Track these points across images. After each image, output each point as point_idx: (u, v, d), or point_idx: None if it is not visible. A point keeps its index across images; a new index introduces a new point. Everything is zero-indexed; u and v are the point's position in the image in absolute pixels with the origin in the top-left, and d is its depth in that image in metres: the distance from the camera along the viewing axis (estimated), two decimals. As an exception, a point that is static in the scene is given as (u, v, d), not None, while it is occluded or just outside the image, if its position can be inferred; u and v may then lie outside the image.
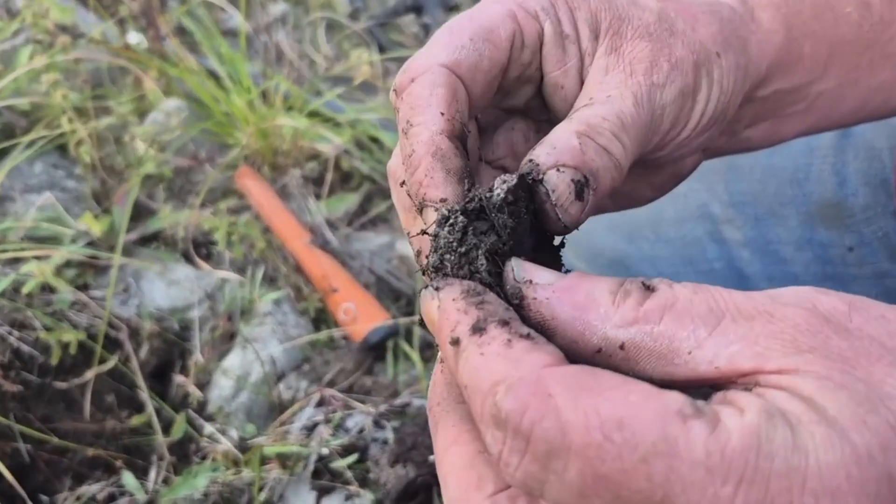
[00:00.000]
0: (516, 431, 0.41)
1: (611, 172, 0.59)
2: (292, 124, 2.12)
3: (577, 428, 0.40)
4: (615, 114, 0.62)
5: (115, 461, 1.62)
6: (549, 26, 0.67)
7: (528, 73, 0.68)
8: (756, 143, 0.81)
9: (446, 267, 0.55)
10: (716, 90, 0.68)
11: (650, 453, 0.39)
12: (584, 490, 0.40)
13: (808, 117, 0.80)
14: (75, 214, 1.97)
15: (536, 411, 0.41)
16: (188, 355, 1.80)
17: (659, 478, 0.39)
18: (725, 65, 0.69)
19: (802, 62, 0.77)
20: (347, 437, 1.49)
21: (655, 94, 0.64)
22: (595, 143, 0.59)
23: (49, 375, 1.72)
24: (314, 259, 1.94)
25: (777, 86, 0.77)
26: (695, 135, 0.70)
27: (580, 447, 0.39)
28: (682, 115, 0.67)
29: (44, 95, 2.03)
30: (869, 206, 1.29)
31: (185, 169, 2.18)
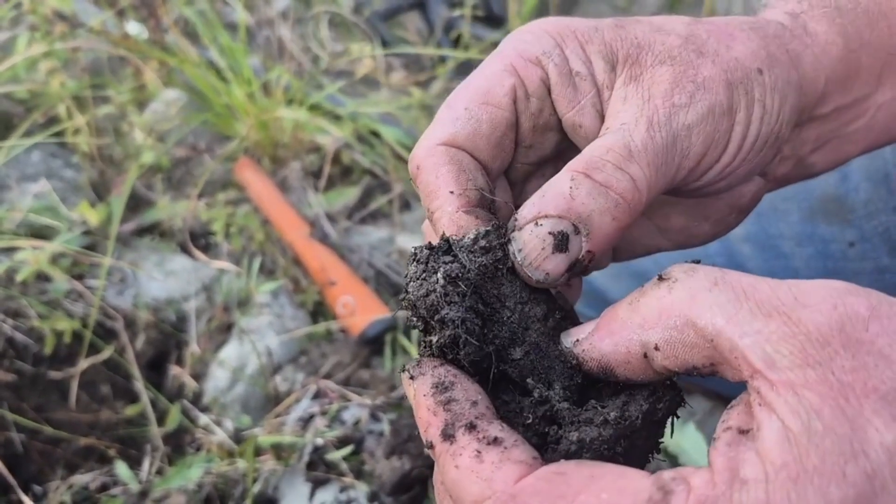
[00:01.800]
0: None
1: (611, 212, 0.57)
2: (293, 117, 2.11)
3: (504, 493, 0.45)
4: (622, 143, 0.59)
5: (108, 451, 1.61)
6: (553, 68, 0.65)
7: (542, 120, 0.66)
8: (821, 168, 0.77)
9: (410, 293, 0.56)
10: (758, 109, 0.65)
11: None
12: None
13: (870, 133, 0.77)
14: (73, 204, 1.96)
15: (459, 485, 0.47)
16: (184, 346, 1.79)
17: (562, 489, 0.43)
18: (769, 81, 0.66)
19: (860, 75, 0.74)
20: (343, 429, 1.48)
21: (676, 115, 0.61)
22: (591, 182, 0.57)
23: (43, 365, 1.71)
24: (313, 252, 1.93)
25: (837, 102, 0.74)
26: (741, 158, 0.66)
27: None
28: (719, 138, 0.64)
29: (41, 83, 2.03)
30: (870, 201, 1.28)
31: (184, 160, 2.17)
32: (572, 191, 0.56)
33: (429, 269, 0.56)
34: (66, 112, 2.03)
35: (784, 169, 0.75)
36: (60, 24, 2.05)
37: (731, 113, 0.64)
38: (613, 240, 0.58)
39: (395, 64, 2.68)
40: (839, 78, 0.73)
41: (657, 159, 0.59)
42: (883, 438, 0.41)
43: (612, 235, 0.57)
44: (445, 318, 0.54)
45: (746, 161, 0.67)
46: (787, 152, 0.74)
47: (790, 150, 0.74)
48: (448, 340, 0.54)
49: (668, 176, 0.61)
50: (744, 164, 0.67)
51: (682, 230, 0.75)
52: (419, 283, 0.56)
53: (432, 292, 0.55)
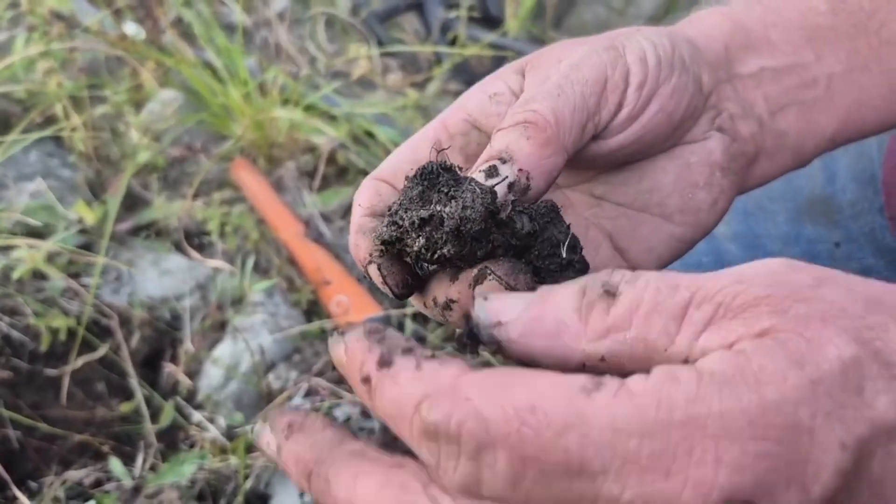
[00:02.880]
0: (447, 437, 0.45)
1: (523, 135, 0.62)
2: (288, 117, 2.12)
3: (497, 420, 0.44)
4: (520, 100, 0.66)
5: (102, 447, 1.63)
6: (472, 104, 0.73)
7: (472, 150, 0.73)
8: (796, 137, 0.80)
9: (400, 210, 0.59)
10: (645, 42, 0.71)
11: (562, 427, 0.43)
12: (515, 476, 0.44)
13: (837, 105, 0.80)
14: (70, 203, 1.97)
15: (459, 414, 0.45)
16: (179, 344, 1.81)
17: (574, 447, 0.43)
18: (647, 31, 0.73)
19: (777, 45, 0.79)
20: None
21: (562, 63, 0.69)
22: (501, 131, 0.64)
23: (39, 362, 1.73)
24: (307, 251, 1.95)
25: (760, 63, 0.79)
26: (653, 78, 0.70)
27: (502, 437, 0.44)
28: (613, 63, 0.69)
29: (39, 83, 2.04)
30: (856, 201, 1.29)
31: (180, 159, 2.19)
32: (490, 144, 0.64)
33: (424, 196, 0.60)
34: (63, 112, 2.04)
35: (747, 128, 0.77)
36: (58, 25, 2.07)
37: (615, 48, 0.70)
38: (540, 156, 0.62)
39: (392, 65, 2.70)
40: (741, 45, 0.79)
41: (552, 93, 0.65)
42: (841, 353, 0.42)
43: (535, 152, 0.62)
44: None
45: (666, 82, 0.71)
46: (735, 110, 0.77)
47: (737, 107, 0.77)
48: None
49: (575, 100, 0.66)
50: (665, 86, 0.71)
51: (683, 209, 0.77)
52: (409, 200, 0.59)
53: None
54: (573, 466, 0.43)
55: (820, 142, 0.81)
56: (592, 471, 0.43)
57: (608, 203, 0.78)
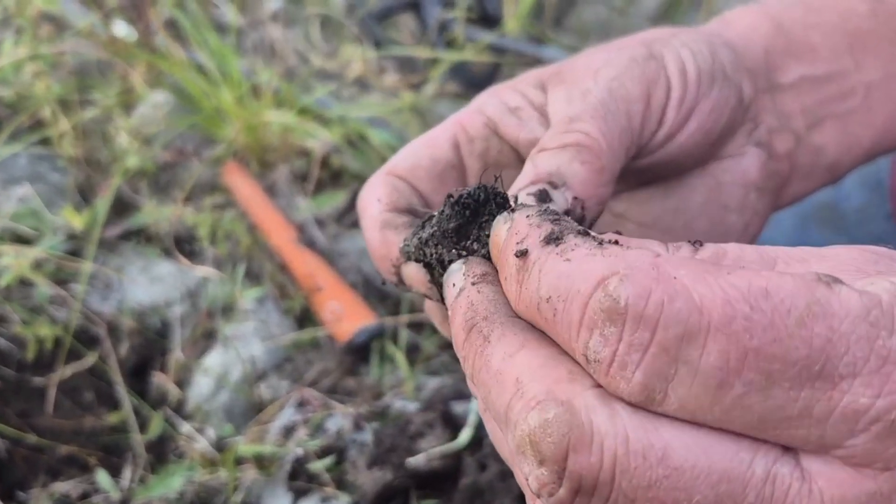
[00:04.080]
0: (639, 320, 0.36)
1: (576, 158, 0.57)
2: (281, 120, 2.09)
3: (718, 303, 0.36)
4: (562, 117, 0.61)
5: (89, 459, 1.59)
6: (492, 109, 0.68)
7: (492, 158, 0.68)
8: (832, 152, 0.75)
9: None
10: (685, 51, 0.66)
11: (807, 316, 0.35)
12: (725, 376, 0.36)
13: (874, 116, 0.76)
14: (59, 208, 1.93)
15: (664, 292, 0.36)
16: (168, 353, 1.77)
17: (820, 341, 0.35)
18: (686, 37, 0.68)
19: (818, 51, 0.75)
20: (326, 438, 1.46)
21: (599, 75, 0.63)
22: (547, 151, 0.58)
23: (27, 371, 1.69)
24: (300, 257, 1.91)
25: (801, 71, 0.74)
26: (693, 93, 0.65)
27: (723, 323, 0.35)
28: (655, 76, 0.64)
29: (27, 86, 2.01)
30: (863, 208, 1.27)
31: (170, 163, 2.15)
32: (534, 162, 0.58)
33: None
34: (52, 115, 2.01)
35: (783, 144, 0.73)
36: (47, 27, 2.03)
37: (655, 58, 0.65)
38: (595, 184, 0.57)
39: (389, 66, 2.66)
40: (782, 50, 0.74)
41: (599, 111, 0.60)
42: None
43: (591, 179, 0.57)
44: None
45: (705, 98, 0.66)
46: (773, 123, 0.73)
47: (775, 120, 0.73)
48: None
49: (622, 121, 0.61)
50: (705, 101, 0.66)
51: (711, 232, 0.72)
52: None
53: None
54: (814, 366, 0.35)
55: (856, 156, 0.77)
56: (838, 373, 0.35)
57: (629, 222, 0.74)
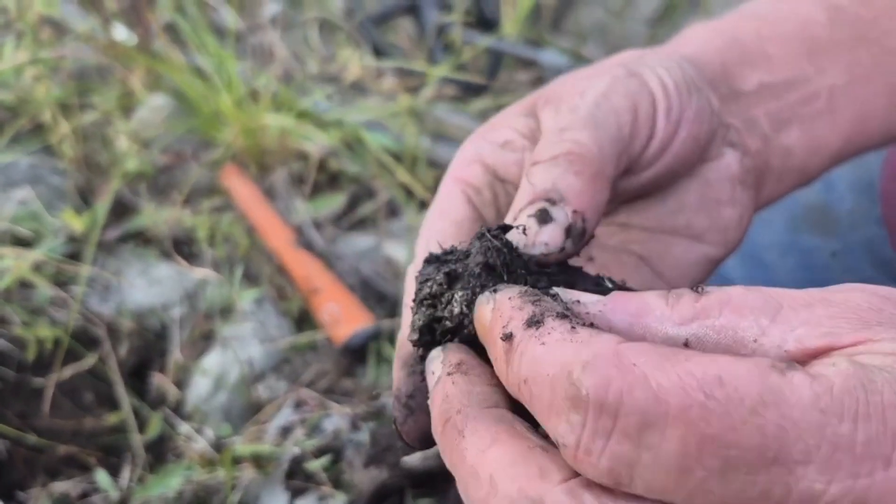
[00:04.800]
0: (601, 408, 0.38)
1: (571, 170, 0.58)
2: (279, 123, 2.10)
3: (674, 391, 0.37)
4: (552, 129, 0.62)
5: (89, 458, 1.60)
6: (487, 155, 0.68)
7: (504, 200, 0.68)
8: (801, 154, 0.77)
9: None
10: (661, 69, 0.68)
11: (759, 405, 0.36)
12: (685, 462, 0.37)
13: (840, 119, 0.77)
14: (59, 210, 1.95)
15: (623, 382, 0.38)
16: (167, 354, 1.78)
17: (772, 429, 0.36)
18: (654, 57, 0.70)
19: (774, 59, 0.76)
20: (323, 438, 1.47)
21: (585, 94, 0.64)
22: (541, 164, 0.59)
23: (27, 372, 1.70)
24: (298, 259, 1.92)
25: (759, 78, 0.75)
26: (677, 102, 0.67)
27: (679, 411, 0.37)
28: (638, 91, 0.66)
29: (27, 90, 2.02)
30: (854, 211, 1.27)
31: (169, 166, 2.16)
32: (530, 181, 0.58)
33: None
34: (52, 118, 2.02)
35: (753, 143, 0.75)
36: (47, 31, 2.05)
37: (635, 75, 0.67)
38: (592, 194, 0.58)
39: (386, 70, 2.67)
40: (738, 61, 0.75)
41: (589, 122, 0.61)
42: None
43: (587, 190, 0.57)
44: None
45: (688, 105, 0.68)
46: (740, 125, 0.74)
47: (742, 124, 0.75)
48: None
49: (612, 132, 0.63)
50: (689, 109, 0.68)
51: (711, 227, 0.73)
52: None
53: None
54: (768, 452, 0.36)
55: (825, 159, 0.78)
56: (791, 459, 0.36)
57: (634, 229, 0.75)
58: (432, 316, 0.55)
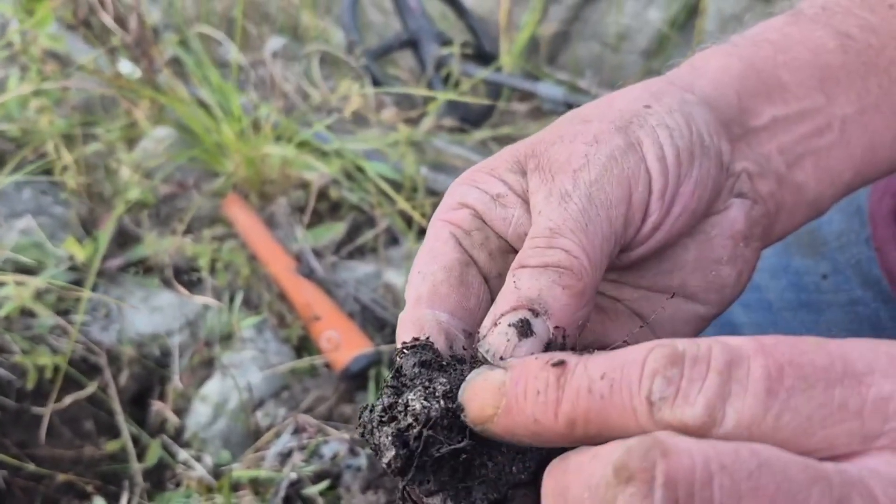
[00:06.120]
0: (695, 360, 0.43)
1: (558, 283, 0.57)
2: (280, 153, 2.13)
3: (749, 342, 0.44)
4: (542, 227, 0.60)
5: (87, 487, 1.61)
6: (474, 201, 0.67)
7: (494, 245, 0.67)
8: (814, 188, 0.75)
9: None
10: (662, 132, 0.66)
11: (820, 341, 0.44)
12: (770, 385, 0.42)
13: (852, 149, 0.76)
14: (62, 240, 1.97)
15: (705, 342, 0.44)
16: (168, 382, 1.79)
17: (835, 349, 0.43)
18: (662, 108, 0.68)
19: (788, 88, 0.75)
20: (321, 463, 1.48)
21: (579, 178, 0.62)
22: (529, 270, 0.58)
23: (27, 400, 1.71)
24: (298, 287, 1.94)
25: (773, 112, 0.74)
26: (674, 176, 0.65)
27: (756, 350, 0.43)
28: (635, 172, 0.64)
29: (31, 122, 2.05)
30: (843, 233, 1.28)
31: (171, 196, 2.19)
32: (515, 284, 0.58)
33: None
34: (55, 149, 2.05)
35: (766, 186, 0.72)
36: (52, 64, 2.08)
37: (633, 149, 0.65)
38: (575, 308, 0.58)
39: (386, 101, 2.71)
40: (753, 91, 0.74)
41: (580, 223, 0.60)
42: None
43: (571, 305, 0.57)
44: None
45: (686, 178, 0.66)
46: (753, 168, 0.72)
47: (755, 166, 0.72)
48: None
49: (604, 230, 0.61)
50: (686, 183, 0.66)
51: (707, 287, 0.72)
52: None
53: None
54: (836, 367, 0.42)
55: (837, 189, 0.77)
56: (857, 371, 0.42)
57: (626, 287, 0.73)
58: (397, 429, 0.52)
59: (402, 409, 0.52)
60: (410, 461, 0.52)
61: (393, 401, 0.53)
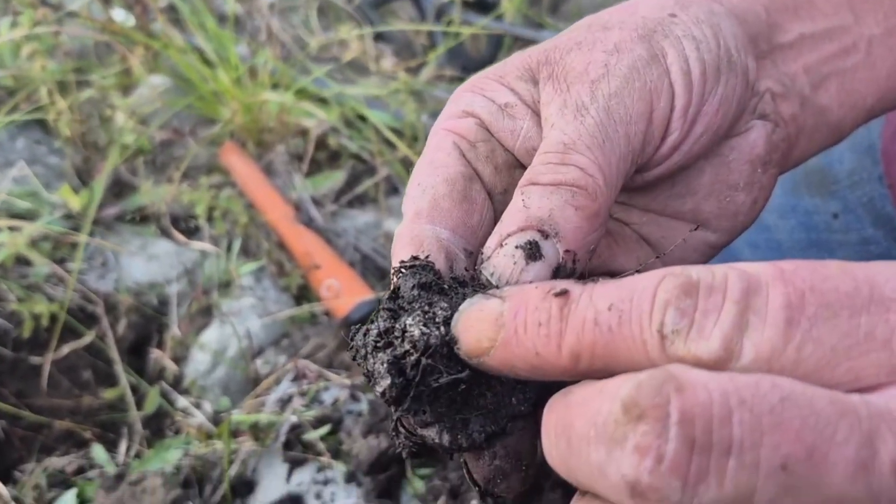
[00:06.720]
0: (710, 289, 0.40)
1: (571, 203, 0.53)
2: (278, 100, 2.09)
3: (764, 268, 0.40)
4: (556, 142, 0.56)
5: (85, 434, 1.59)
6: (481, 110, 0.63)
7: (500, 159, 0.63)
8: (837, 111, 0.72)
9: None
10: (688, 43, 0.62)
11: (845, 266, 0.40)
12: (791, 314, 0.39)
13: (877, 72, 0.73)
14: (57, 189, 1.94)
15: (721, 269, 0.41)
16: (166, 330, 1.77)
17: (861, 274, 0.40)
18: (688, 18, 0.64)
19: (816, 5, 0.72)
20: (321, 409, 1.46)
21: (598, 89, 0.58)
22: (540, 187, 0.54)
23: (24, 350, 1.69)
24: (298, 235, 1.91)
25: (800, 28, 0.71)
26: (698, 93, 0.62)
27: (774, 277, 0.40)
28: (658, 86, 0.60)
29: (24, 70, 2.01)
30: (854, 171, 1.25)
31: (167, 143, 2.16)
32: (524, 202, 0.54)
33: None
34: (49, 95, 2.01)
35: (789, 108, 0.70)
36: (44, 10, 2.04)
37: (657, 60, 0.61)
38: (588, 231, 0.54)
39: (386, 51, 2.66)
40: (782, 6, 0.70)
41: (596, 139, 0.56)
42: None
43: (584, 227, 0.54)
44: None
45: (711, 96, 0.63)
46: (777, 88, 0.70)
47: (779, 86, 0.70)
48: None
49: (621, 148, 0.58)
50: (711, 101, 0.63)
51: (720, 214, 0.69)
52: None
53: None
54: (862, 292, 0.39)
55: (860, 114, 0.74)
56: (885, 297, 0.39)
57: (634, 209, 0.70)
58: (393, 355, 0.49)
59: (400, 335, 0.50)
60: (406, 391, 0.49)
61: (389, 325, 0.51)
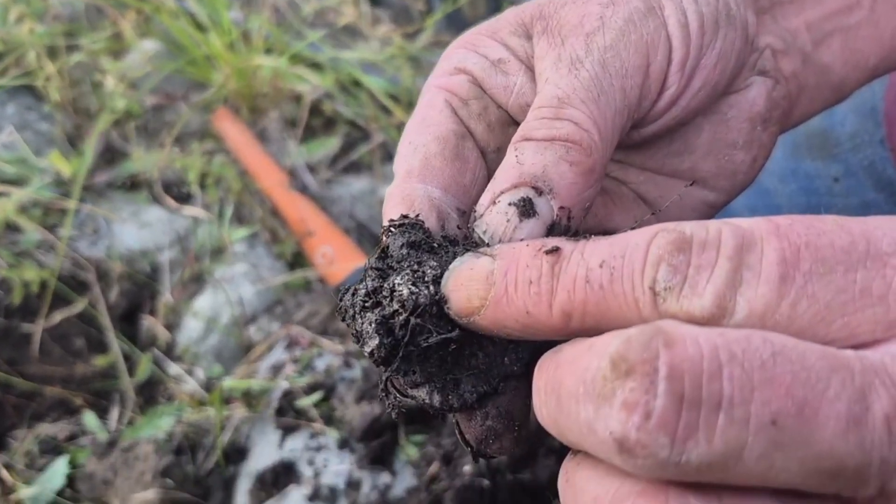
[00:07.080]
0: (703, 245, 0.40)
1: (565, 159, 0.52)
2: (272, 65, 2.06)
3: (759, 223, 0.40)
4: (550, 96, 0.55)
5: (76, 401, 1.58)
6: (473, 66, 0.62)
7: (493, 117, 0.62)
8: (839, 70, 0.71)
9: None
10: (688, 2, 0.60)
11: (840, 217, 0.40)
12: (785, 269, 0.38)
13: (881, 30, 0.71)
14: (46, 155, 1.91)
15: (715, 224, 0.40)
16: (158, 297, 1.75)
17: (856, 228, 0.39)
18: None
19: None
20: (314, 375, 1.45)
21: (593, 42, 0.57)
22: (534, 143, 0.53)
23: (16, 317, 1.68)
24: (292, 202, 1.89)
25: None
26: (697, 46, 0.60)
27: (769, 232, 0.39)
28: (654, 39, 0.58)
29: (11, 33, 1.98)
30: (856, 134, 1.24)
31: (159, 108, 2.13)
32: (518, 158, 0.53)
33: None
34: (37, 60, 1.98)
35: (790, 64, 0.68)
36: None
37: (654, 12, 0.59)
38: (583, 188, 0.53)
39: (383, 17, 2.62)
40: None
41: (591, 93, 0.55)
42: None
43: (578, 183, 0.52)
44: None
45: (709, 50, 0.61)
46: (777, 44, 0.68)
47: (780, 42, 0.68)
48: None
49: (617, 102, 0.56)
50: (709, 55, 0.61)
51: (718, 173, 0.68)
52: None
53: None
54: (858, 247, 0.38)
55: (862, 73, 0.73)
56: (882, 251, 0.38)
57: (632, 168, 0.69)
58: (381, 315, 0.48)
59: (388, 294, 0.49)
60: (395, 351, 0.48)
61: (378, 284, 0.50)
